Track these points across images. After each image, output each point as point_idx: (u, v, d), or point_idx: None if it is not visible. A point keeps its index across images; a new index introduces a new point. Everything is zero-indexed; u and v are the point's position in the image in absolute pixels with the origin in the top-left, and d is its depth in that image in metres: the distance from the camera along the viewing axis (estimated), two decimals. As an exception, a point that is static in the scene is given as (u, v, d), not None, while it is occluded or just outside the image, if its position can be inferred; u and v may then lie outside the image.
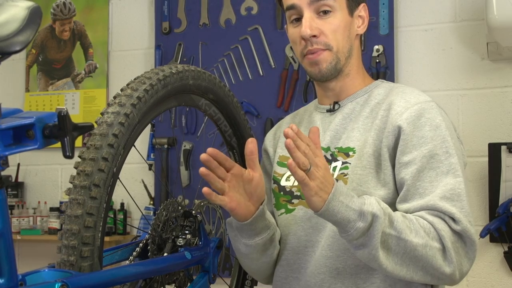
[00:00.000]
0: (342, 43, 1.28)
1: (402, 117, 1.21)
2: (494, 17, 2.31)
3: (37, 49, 3.37)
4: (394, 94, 1.28)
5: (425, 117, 1.21)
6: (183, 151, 3.04)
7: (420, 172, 1.17)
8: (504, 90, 2.64)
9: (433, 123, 1.21)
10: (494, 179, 2.55)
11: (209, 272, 1.33)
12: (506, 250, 2.55)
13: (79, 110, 3.29)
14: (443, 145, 1.19)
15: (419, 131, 1.20)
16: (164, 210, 1.27)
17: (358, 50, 1.33)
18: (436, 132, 1.20)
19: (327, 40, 1.27)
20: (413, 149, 1.19)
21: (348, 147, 1.27)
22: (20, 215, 3.18)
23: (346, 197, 1.11)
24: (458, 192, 1.16)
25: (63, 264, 0.98)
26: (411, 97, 1.25)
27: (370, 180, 1.22)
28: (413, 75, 2.76)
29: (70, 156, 0.87)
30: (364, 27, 1.33)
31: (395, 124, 1.22)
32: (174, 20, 3.10)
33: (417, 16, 2.77)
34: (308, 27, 1.25)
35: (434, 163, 1.18)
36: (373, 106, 1.29)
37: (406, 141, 1.20)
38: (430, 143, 1.19)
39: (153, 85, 1.15)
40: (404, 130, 1.20)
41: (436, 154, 1.18)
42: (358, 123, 1.28)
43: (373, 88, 1.32)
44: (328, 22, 1.27)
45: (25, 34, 0.87)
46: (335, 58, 1.28)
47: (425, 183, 1.17)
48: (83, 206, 0.98)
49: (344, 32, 1.28)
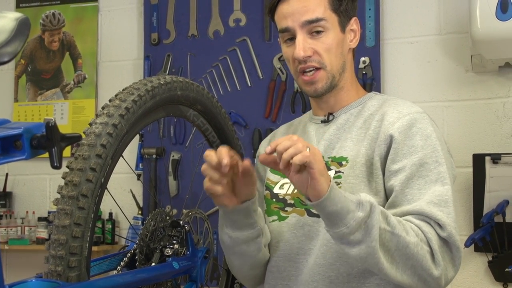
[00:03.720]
0: (335, 61, 1.30)
1: (394, 127, 1.24)
2: (478, 30, 2.35)
3: (26, 60, 3.37)
4: (387, 106, 1.31)
5: (417, 127, 1.24)
6: (172, 161, 3.04)
7: (409, 179, 1.20)
8: (488, 102, 2.67)
9: (424, 133, 1.23)
10: (479, 190, 2.58)
11: (196, 282, 1.34)
12: (490, 260, 2.58)
13: (68, 120, 3.29)
14: (433, 154, 1.22)
15: (410, 140, 1.23)
16: (152, 220, 1.28)
17: (351, 64, 1.36)
18: (426, 141, 1.22)
19: (321, 59, 1.29)
20: (403, 158, 1.21)
21: (341, 157, 1.29)
22: (8, 225, 3.16)
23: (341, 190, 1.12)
24: (446, 199, 1.18)
25: (51, 274, 0.98)
26: (404, 108, 1.29)
27: (363, 189, 1.24)
28: (399, 86, 2.79)
29: (58, 167, 0.88)
30: (356, 40, 1.35)
31: (387, 133, 1.24)
32: (163, 31, 3.11)
33: (403, 28, 2.80)
34: (302, 49, 1.27)
35: (423, 171, 1.20)
36: (367, 117, 1.31)
37: (397, 149, 1.23)
38: (420, 152, 1.21)
39: (142, 96, 1.16)
40: (395, 139, 1.23)
41: (426, 162, 1.21)
42: (352, 134, 1.30)
43: (367, 100, 1.35)
44: (321, 42, 1.28)
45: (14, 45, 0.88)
46: (330, 77, 1.30)
47: (413, 190, 1.19)
48: (70, 216, 0.99)
49: (337, 50, 1.30)
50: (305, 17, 1.28)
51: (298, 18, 1.28)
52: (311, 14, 1.28)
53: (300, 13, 1.28)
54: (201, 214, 1.45)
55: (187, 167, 3.03)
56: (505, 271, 2.55)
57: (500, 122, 2.66)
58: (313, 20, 1.27)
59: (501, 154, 2.57)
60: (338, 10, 1.30)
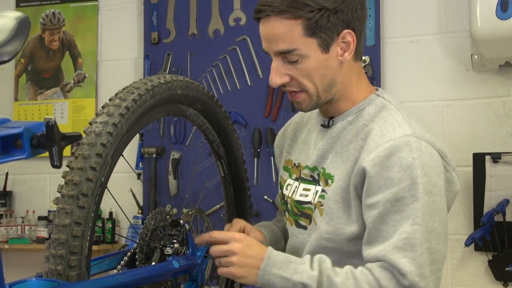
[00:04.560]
0: (318, 83, 1.21)
1: (369, 158, 1.15)
2: (478, 29, 2.35)
3: (26, 59, 3.37)
4: (377, 121, 1.22)
5: (396, 156, 1.14)
6: (172, 160, 3.05)
7: (383, 215, 1.13)
8: (488, 101, 2.67)
9: (404, 163, 1.13)
10: (479, 189, 2.58)
11: (196, 281, 1.34)
12: (490, 259, 2.58)
13: (68, 119, 3.29)
14: (411, 187, 1.12)
15: (387, 171, 1.13)
16: (152, 219, 1.28)
17: (347, 75, 1.24)
18: (405, 172, 1.12)
19: (300, 84, 1.21)
20: (378, 191, 1.14)
21: (329, 174, 1.24)
22: (8, 224, 3.16)
23: (280, 267, 1.16)
24: (413, 242, 1.10)
25: (51, 274, 0.98)
26: (389, 130, 1.18)
27: (342, 216, 1.20)
28: (399, 85, 2.79)
29: (58, 166, 0.88)
30: (349, 53, 1.21)
31: (361, 165, 1.17)
32: (163, 30, 3.11)
33: (403, 27, 2.80)
34: (275, 78, 1.20)
35: (399, 206, 1.12)
36: (358, 129, 1.24)
37: (370, 183, 1.15)
38: (396, 186, 1.12)
39: (142, 95, 1.16)
40: (368, 172, 1.15)
41: (402, 197, 1.12)
42: (343, 148, 1.24)
43: (366, 105, 1.25)
44: (298, 68, 1.20)
45: (14, 45, 0.88)
46: (314, 98, 1.23)
47: (388, 227, 1.13)
48: (71, 216, 0.99)
49: (319, 72, 1.20)
50: (276, 48, 1.19)
51: (270, 46, 1.20)
52: (281, 45, 1.18)
53: (271, 41, 1.20)
54: (201, 214, 1.45)
55: (187, 166, 3.03)
56: (505, 270, 2.55)
57: (500, 121, 2.66)
58: (284, 51, 1.18)
59: (501, 153, 2.57)
60: (315, 33, 1.17)
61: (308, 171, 1.29)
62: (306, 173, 1.30)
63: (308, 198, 1.28)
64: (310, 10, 1.16)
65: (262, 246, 1.21)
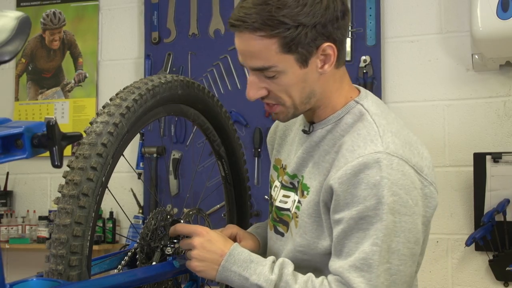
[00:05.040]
0: (297, 97, 1.17)
1: (336, 175, 1.13)
2: (478, 29, 2.35)
3: (27, 59, 3.37)
4: (350, 134, 1.18)
5: (364, 173, 1.10)
6: (172, 160, 3.05)
7: (347, 232, 1.12)
8: (489, 101, 2.67)
9: (371, 181, 1.10)
10: (479, 188, 2.58)
11: (197, 281, 1.34)
12: (491, 259, 2.58)
13: (69, 119, 3.29)
14: (376, 206, 1.09)
15: (354, 188, 1.11)
16: (153, 219, 1.28)
17: (327, 84, 1.19)
18: (372, 191, 1.09)
19: (277, 98, 1.17)
20: (345, 207, 1.12)
21: (305, 184, 1.22)
22: (9, 224, 3.16)
23: (241, 265, 1.16)
24: (370, 263, 1.09)
25: (52, 273, 0.98)
26: (360, 145, 1.14)
27: (315, 230, 1.19)
28: (400, 85, 2.79)
29: (59, 166, 0.88)
30: (330, 65, 1.16)
31: (329, 182, 1.14)
32: (164, 30, 3.11)
33: (404, 27, 2.80)
34: (251, 93, 1.17)
35: (363, 224, 1.10)
36: (335, 139, 1.20)
37: (337, 200, 1.13)
38: (361, 204, 1.10)
39: (142, 95, 1.16)
40: (335, 190, 1.13)
41: (367, 215, 1.10)
42: (320, 158, 1.21)
43: (345, 114, 1.21)
44: (275, 83, 1.15)
45: (14, 44, 0.88)
46: (291, 110, 1.19)
47: (351, 243, 1.11)
48: (71, 215, 0.99)
49: (297, 86, 1.16)
50: (252, 64, 1.15)
51: (245, 61, 1.16)
52: (257, 61, 1.14)
53: (246, 57, 1.16)
54: (201, 213, 1.45)
55: (188, 166, 3.03)
56: (506, 270, 2.55)
57: (501, 121, 2.66)
58: (260, 68, 1.14)
59: (502, 153, 2.57)
60: (292, 49, 1.11)
61: (288, 178, 1.28)
62: (287, 180, 1.28)
63: (287, 205, 1.27)
64: (286, 28, 1.10)
65: (226, 243, 1.20)
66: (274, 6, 1.10)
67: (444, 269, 2.67)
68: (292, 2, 1.10)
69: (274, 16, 1.10)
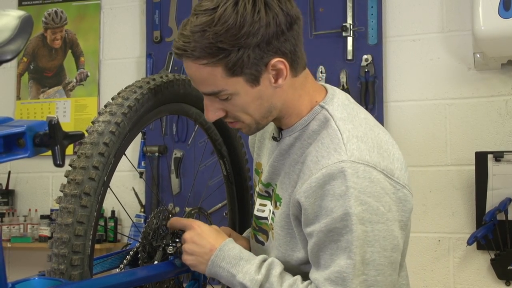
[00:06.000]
0: (254, 113, 1.15)
1: (302, 190, 1.11)
2: (480, 28, 2.35)
3: (29, 58, 3.37)
4: (314, 143, 1.15)
5: (330, 185, 1.08)
6: (174, 159, 3.05)
7: (319, 245, 1.11)
8: (490, 100, 2.67)
9: (337, 192, 1.07)
10: (481, 187, 2.58)
11: (199, 280, 1.34)
12: (493, 258, 2.57)
13: (70, 118, 3.29)
14: (344, 217, 1.06)
15: (321, 200, 1.09)
16: (154, 218, 1.28)
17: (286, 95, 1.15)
18: (338, 202, 1.07)
19: (236, 117, 1.16)
20: (314, 220, 1.10)
21: (278, 195, 1.21)
22: (11, 223, 3.17)
23: (230, 262, 1.16)
24: (344, 276, 1.07)
25: (53, 273, 0.98)
26: (324, 155, 1.11)
27: (289, 242, 1.19)
28: (401, 84, 2.79)
29: (61, 165, 0.88)
30: (284, 78, 1.12)
31: (295, 197, 1.13)
32: (165, 29, 3.11)
33: (405, 26, 2.80)
34: (210, 115, 1.15)
35: (334, 236, 1.08)
36: (303, 147, 1.17)
37: (306, 214, 1.12)
38: (329, 216, 1.08)
39: (144, 94, 1.16)
40: (302, 204, 1.11)
41: (336, 227, 1.08)
42: (290, 168, 1.19)
43: (311, 120, 1.17)
44: (231, 104, 1.13)
45: (16, 43, 0.88)
46: (252, 125, 1.17)
47: (326, 255, 1.10)
48: (73, 215, 0.99)
49: (254, 104, 1.13)
50: (202, 90, 1.13)
51: (197, 86, 1.14)
52: (206, 87, 1.11)
53: (196, 83, 1.13)
54: (203, 212, 1.45)
55: (190, 165, 3.03)
56: (508, 269, 2.55)
57: (502, 120, 2.65)
58: (211, 93, 1.12)
59: (504, 152, 2.57)
60: (237, 72, 1.08)
61: (262, 186, 1.27)
62: (262, 189, 1.27)
63: (264, 214, 1.26)
64: (227, 54, 1.06)
65: (217, 238, 1.20)
66: (212, 33, 1.05)
67: (445, 268, 2.67)
68: (229, 25, 1.05)
69: (212, 43, 1.06)
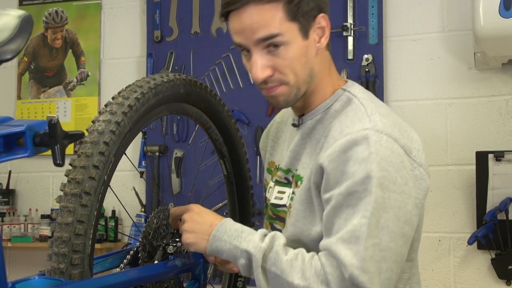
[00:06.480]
0: (300, 73, 1.17)
1: (326, 154, 1.13)
2: (481, 27, 2.34)
3: (29, 57, 3.37)
4: (339, 117, 1.19)
5: (353, 150, 1.11)
6: (174, 158, 3.05)
7: (336, 209, 1.11)
8: (491, 100, 2.67)
9: (359, 157, 1.10)
10: (482, 187, 2.58)
11: (199, 280, 1.34)
12: (493, 257, 2.57)
13: (71, 117, 3.29)
14: (365, 181, 1.08)
15: (343, 165, 1.11)
16: (155, 217, 1.28)
17: (322, 64, 1.22)
18: (360, 166, 1.09)
19: (282, 76, 1.17)
20: (335, 185, 1.11)
21: (299, 175, 1.23)
22: (11, 223, 3.17)
23: (232, 235, 1.15)
24: (357, 235, 1.07)
25: (54, 272, 0.98)
26: (348, 125, 1.15)
27: (308, 216, 1.18)
28: (402, 84, 2.79)
29: (61, 164, 0.88)
30: (325, 38, 1.19)
31: (318, 162, 1.14)
32: (166, 28, 3.11)
33: (406, 26, 2.80)
34: (259, 72, 1.15)
35: (352, 200, 1.09)
36: (325, 127, 1.21)
37: (328, 179, 1.13)
38: (350, 179, 1.09)
39: (144, 94, 1.16)
40: (325, 169, 1.13)
41: (355, 191, 1.09)
42: (312, 147, 1.22)
43: (333, 102, 1.23)
44: (281, 57, 1.15)
45: (17, 43, 0.88)
46: (293, 90, 1.18)
47: (340, 220, 1.10)
48: (73, 214, 0.99)
49: (301, 61, 1.16)
50: (258, 35, 1.13)
51: (250, 36, 1.14)
52: (264, 31, 1.13)
53: (252, 30, 1.14)
54: (203, 212, 1.45)
55: (190, 164, 3.03)
56: (508, 268, 2.55)
57: (503, 120, 2.65)
58: (268, 37, 1.13)
59: (504, 152, 2.57)
60: (296, 17, 1.14)
61: (282, 173, 1.28)
62: (281, 175, 1.28)
63: (283, 201, 1.27)
64: None
65: (216, 217, 1.21)
66: None
67: (446, 268, 2.67)
68: None
69: None
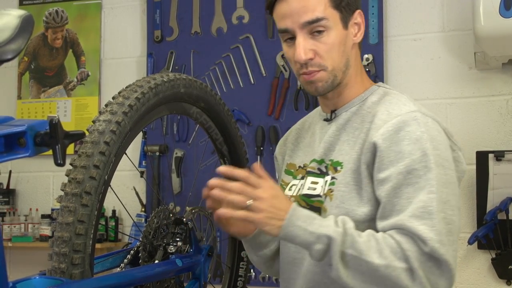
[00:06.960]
0: (338, 60, 1.25)
1: (378, 133, 1.18)
2: (481, 27, 2.34)
3: (29, 57, 3.37)
4: (381, 104, 1.25)
5: (405, 131, 1.16)
6: (175, 158, 3.05)
7: (396, 189, 1.14)
8: (491, 99, 2.67)
9: (413, 136, 1.15)
10: (482, 187, 2.58)
11: (200, 279, 1.34)
12: (494, 257, 2.57)
13: (71, 117, 3.29)
14: (423, 159, 1.14)
15: (397, 145, 1.16)
16: (155, 217, 1.28)
17: (356, 59, 1.30)
18: (415, 145, 1.15)
19: (322, 61, 1.23)
20: (390, 165, 1.15)
21: (337, 161, 1.25)
22: (12, 222, 3.17)
23: (305, 220, 1.13)
24: (429, 210, 1.11)
25: (54, 272, 0.98)
26: (394, 108, 1.22)
27: (354, 197, 1.20)
28: (402, 84, 2.78)
29: (61, 164, 0.88)
30: (361, 34, 1.29)
31: (371, 140, 1.19)
32: (166, 28, 3.11)
33: (406, 26, 2.80)
34: (303, 53, 1.22)
35: (412, 179, 1.13)
36: (364, 116, 1.26)
37: (381, 158, 1.16)
38: (407, 158, 1.14)
39: (145, 93, 1.16)
40: (379, 147, 1.17)
41: (414, 169, 1.13)
42: (349, 135, 1.26)
43: (369, 95, 1.29)
44: (323, 42, 1.23)
45: (17, 43, 0.88)
46: (331, 77, 1.25)
47: (402, 200, 1.13)
48: (74, 214, 0.99)
49: (340, 48, 1.24)
50: (305, 18, 1.22)
51: (297, 19, 1.22)
52: (310, 14, 1.22)
53: (299, 13, 1.22)
54: (204, 212, 1.45)
55: (190, 164, 3.03)
56: (509, 268, 2.55)
57: (503, 120, 2.65)
58: (313, 20, 1.22)
59: (505, 152, 2.57)
60: (339, 6, 1.24)
61: (315, 164, 1.29)
62: (314, 166, 1.30)
63: (316, 191, 1.27)
64: None
65: (288, 200, 1.18)
66: None
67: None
68: None
69: None
